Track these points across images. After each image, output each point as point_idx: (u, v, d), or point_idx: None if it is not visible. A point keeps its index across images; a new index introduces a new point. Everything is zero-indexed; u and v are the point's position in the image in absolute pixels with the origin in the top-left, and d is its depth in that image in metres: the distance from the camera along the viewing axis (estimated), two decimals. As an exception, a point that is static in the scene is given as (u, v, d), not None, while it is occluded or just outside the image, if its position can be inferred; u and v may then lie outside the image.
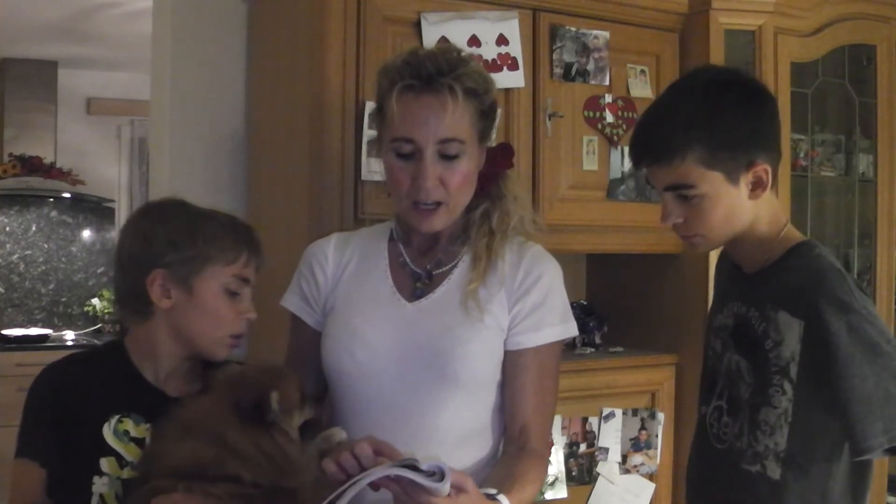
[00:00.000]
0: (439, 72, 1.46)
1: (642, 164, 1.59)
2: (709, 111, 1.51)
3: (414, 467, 1.21)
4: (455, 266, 1.56)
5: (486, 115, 1.52)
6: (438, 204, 1.49)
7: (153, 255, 1.50)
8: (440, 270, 1.57)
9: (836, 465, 1.50)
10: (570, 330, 1.57)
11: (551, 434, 1.70)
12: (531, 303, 1.52)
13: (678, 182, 1.52)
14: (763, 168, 1.51)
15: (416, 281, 1.56)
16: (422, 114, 1.45)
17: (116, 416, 1.48)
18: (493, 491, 1.35)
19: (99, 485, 1.45)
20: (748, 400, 1.55)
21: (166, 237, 1.50)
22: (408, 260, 1.59)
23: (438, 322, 1.51)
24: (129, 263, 1.54)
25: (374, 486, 1.24)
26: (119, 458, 1.47)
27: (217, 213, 1.57)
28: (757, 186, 1.52)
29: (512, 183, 1.61)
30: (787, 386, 1.49)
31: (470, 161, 1.50)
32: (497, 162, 1.59)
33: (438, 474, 1.21)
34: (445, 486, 1.21)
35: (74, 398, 1.49)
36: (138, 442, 1.47)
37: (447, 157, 1.47)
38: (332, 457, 1.29)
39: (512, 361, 1.52)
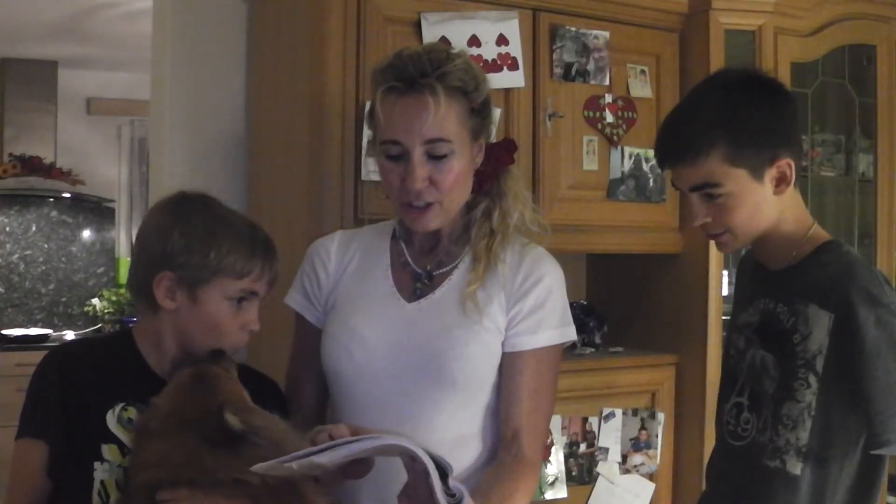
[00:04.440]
0: (421, 73, 1.44)
1: (666, 164, 1.62)
2: (731, 109, 1.53)
3: (444, 472, 1.19)
4: (455, 267, 1.56)
5: (477, 113, 1.50)
6: (430, 204, 1.48)
7: (165, 256, 1.49)
8: (441, 271, 1.56)
9: (852, 461, 1.51)
10: (569, 334, 1.56)
11: (546, 439, 1.70)
12: (530, 305, 1.52)
13: (703, 181, 1.54)
14: (786, 162, 1.54)
15: (417, 281, 1.56)
16: (406, 115, 1.45)
17: (121, 404, 1.48)
18: None
19: (100, 471, 1.45)
20: (773, 395, 1.56)
21: (181, 240, 1.49)
22: (409, 259, 1.58)
23: (437, 323, 1.51)
24: (143, 257, 1.53)
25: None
26: (121, 445, 1.46)
27: (239, 219, 1.55)
28: (781, 181, 1.55)
29: (513, 179, 1.59)
30: (813, 379, 1.50)
31: (461, 159, 1.49)
32: (498, 158, 1.58)
33: (458, 497, 1.19)
34: None
35: (81, 381, 1.49)
36: None
37: (436, 157, 1.46)
38: (308, 439, 1.29)
39: (508, 363, 1.52)
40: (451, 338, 1.49)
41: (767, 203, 1.55)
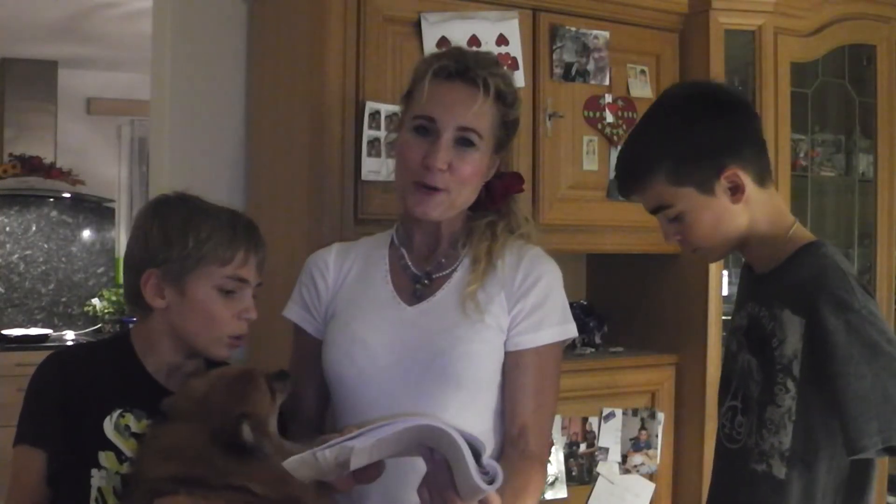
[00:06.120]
0: (478, 65, 1.50)
1: (624, 195, 1.67)
2: (666, 132, 1.57)
3: (477, 451, 1.17)
4: (455, 270, 1.56)
5: (506, 126, 1.55)
6: (440, 190, 1.49)
7: (147, 254, 1.50)
8: (440, 274, 1.57)
9: (839, 463, 1.50)
10: (570, 331, 1.56)
11: (551, 436, 1.70)
12: (531, 304, 1.52)
13: (657, 205, 1.59)
14: (733, 172, 1.54)
15: (416, 283, 1.56)
16: (450, 97, 1.49)
17: (118, 411, 1.48)
18: None
19: (97, 478, 1.45)
20: (757, 398, 1.57)
21: (160, 236, 1.49)
22: (409, 263, 1.59)
23: (438, 324, 1.51)
24: (130, 262, 1.54)
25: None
26: (118, 452, 1.46)
27: (219, 209, 1.55)
28: (735, 190, 1.55)
29: (522, 204, 1.63)
30: (791, 384, 1.50)
31: (482, 158, 1.52)
32: (509, 184, 1.61)
33: (491, 475, 1.18)
34: (489, 488, 1.16)
35: (79, 388, 1.48)
36: (138, 437, 1.47)
37: (462, 145, 1.49)
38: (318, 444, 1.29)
39: (512, 362, 1.52)
40: (452, 337, 1.49)
41: (729, 213, 1.56)
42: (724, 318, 2.52)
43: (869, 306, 1.47)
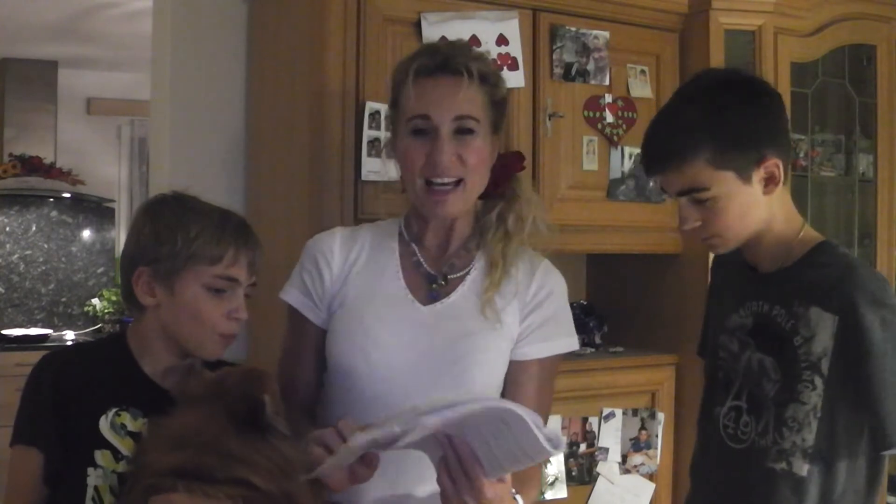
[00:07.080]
0: (455, 54, 1.51)
1: (653, 171, 1.60)
2: (713, 111, 1.52)
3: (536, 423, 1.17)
4: (469, 272, 1.56)
5: (497, 105, 1.54)
6: (456, 184, 1.49)
7: (139, 252, 1.50)
8: (455, 275, 1.56)
9: (859, 460, 1.51)
10: (573, 344, 1.58)
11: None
12: (543, 316, 1.54)
13: (690, 186, 1.53)
14: (774, 162, 1.53)
15: (432, 283, 1.56)
16: (437, 92, 1.48)
17: (114, 410, 1.48)
18: (512, 490, 1.34)
19: (94, 477, 1.45)
20: (774, 397, 1.55)
21: (152, 234, 1.50)
22: (422, 261, 1.57)
23: (456, 328, 1.51)
24: (124, 260, 1.54)
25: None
26: (114, 451, 1.46)
27: (211, 209, 1.54)
28: (770, 181, 1.54)
29: (525, 184, 1.62)
30: (818, 381, 1.50)
31: (483, 143, 1.51)
32: (510, 164, 1.60)
33: (555, 440, 1.17)
34: (555, 452, 1.16)
35: (75, 387, 1.48)
36: (134, 436, 1.47)
37: (463, 133, 1.48)
38: (313, 439, 1.28)
39: (516, 370, 1.53)
40: (469, 343, 1.49)
41: (756, 204, 1.54)
42: (724, 318, 2.52)
43: None
